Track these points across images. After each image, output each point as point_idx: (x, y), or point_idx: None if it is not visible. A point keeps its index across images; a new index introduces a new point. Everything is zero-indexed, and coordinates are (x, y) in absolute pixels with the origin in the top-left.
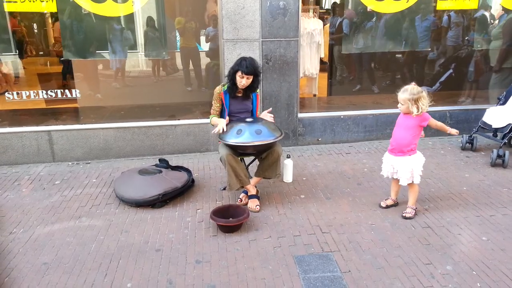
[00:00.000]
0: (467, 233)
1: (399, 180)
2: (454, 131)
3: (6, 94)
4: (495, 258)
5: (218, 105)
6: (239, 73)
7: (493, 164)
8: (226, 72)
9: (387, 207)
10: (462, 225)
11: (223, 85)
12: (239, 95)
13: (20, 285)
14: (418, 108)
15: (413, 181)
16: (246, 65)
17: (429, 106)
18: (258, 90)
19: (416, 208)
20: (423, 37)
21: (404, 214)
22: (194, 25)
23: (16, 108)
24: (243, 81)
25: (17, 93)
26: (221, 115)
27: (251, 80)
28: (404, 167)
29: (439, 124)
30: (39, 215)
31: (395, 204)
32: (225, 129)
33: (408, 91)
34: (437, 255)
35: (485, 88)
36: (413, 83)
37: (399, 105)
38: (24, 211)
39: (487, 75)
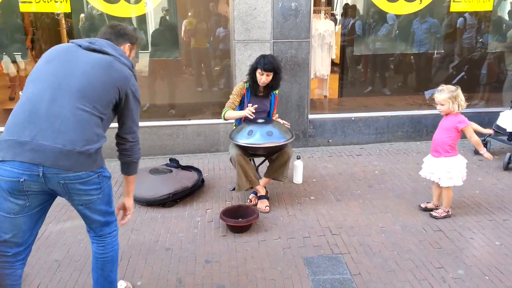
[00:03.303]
0: (479, 237)
1: (438, 183)
2: (488, 155)
3: (20, 93)
4: (508, 263)
5: (238, 100)
6: (258, 70)
7: (506, 168)
8: (237, 72)
9: (425, 209)
10: (475, 229)
11: (246, 82)
12: (261, 94)
13: (32, 282)
14: (458, 105)
15: (454, 184)
16: (265, 62)
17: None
18: (276, 91)
19: (448, 211)
20: (435, 38)
21: (432, 212)
22: (206, 26)
23: None
24: (263, 78)
25: None
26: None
27: (271, 77)
28: (440, 168)
29: (475, 138)
30: (51, 213)
31: (436, 209)
32: (251, 115)
33: (445, 91)
34: (449, 259)
35: (499, 91)
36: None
37: (438, 107)
38: None
39: (501, 78)
